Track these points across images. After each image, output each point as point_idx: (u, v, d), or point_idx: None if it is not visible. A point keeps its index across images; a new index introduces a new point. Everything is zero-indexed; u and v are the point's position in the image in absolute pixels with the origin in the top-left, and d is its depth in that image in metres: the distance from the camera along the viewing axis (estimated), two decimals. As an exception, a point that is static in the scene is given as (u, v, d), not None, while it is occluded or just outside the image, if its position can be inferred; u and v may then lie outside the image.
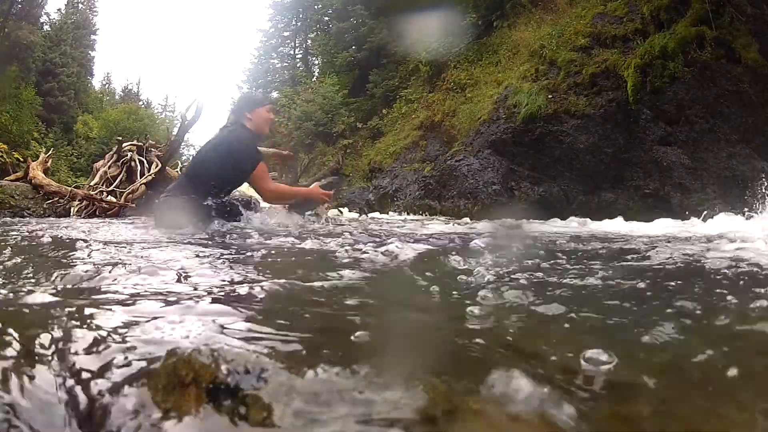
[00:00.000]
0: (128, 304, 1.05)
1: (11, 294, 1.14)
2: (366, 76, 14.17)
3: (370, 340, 0.84)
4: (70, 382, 0.64)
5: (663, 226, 3.94)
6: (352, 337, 0.82)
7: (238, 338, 0.82)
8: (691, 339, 0.85)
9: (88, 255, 1.89)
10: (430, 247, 2.02)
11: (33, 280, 1.35)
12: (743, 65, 5.40)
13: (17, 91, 20.82)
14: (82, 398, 0.62)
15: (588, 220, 5.18)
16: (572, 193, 6.73)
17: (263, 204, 3.70)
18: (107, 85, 39.86)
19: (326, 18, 20.50)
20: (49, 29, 26.52)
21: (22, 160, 15.35)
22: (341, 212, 8.65)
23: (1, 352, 0.67)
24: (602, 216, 5.49)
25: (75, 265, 1.62)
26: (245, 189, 3.92)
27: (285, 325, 0.90)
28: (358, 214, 8.38)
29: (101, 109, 30.73)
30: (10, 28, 21.18)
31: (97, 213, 6.28)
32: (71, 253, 1.98)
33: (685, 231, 3.40)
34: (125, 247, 2.09)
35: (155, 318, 0.94)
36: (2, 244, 2.33)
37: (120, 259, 1.73)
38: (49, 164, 8.17)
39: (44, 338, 0.77)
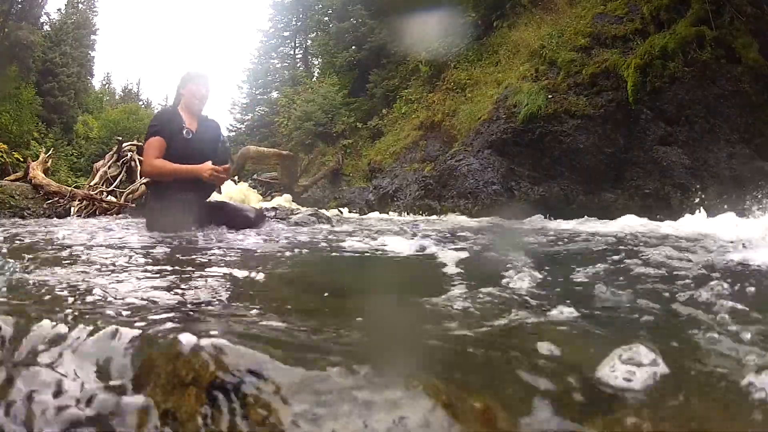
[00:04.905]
0: (128, 305, 1.05)
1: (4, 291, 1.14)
2: (366, 76, 14.17)
3: (370, 339, 0.84)
4: (70, 382, 0.64)
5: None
6: (352, 337, 0.82)
7: (238, 338, 0.82)
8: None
9: (94, 254, 1.89)
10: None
11: (33, 281, 1.35)
12: (743, 65, 5.39)
13: (17, 91, 20.81)
14: (82, 398, 0.62)
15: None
16: (572, 193, 6.72)
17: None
18: (107, 85, 39.88)
19: (326, 18, 20.50)
20: (49, 29, 26.49)
21: (22, 160, 15.35)
22: (341, 212, 8.65)
23: None
24: (603, 216, 5.49)
25: (82, 264, 1.62)
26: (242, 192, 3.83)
27: (285, 325, 0.90)
28: (358, 214, 8.39)
29: (101, 109, 30.73)
30: (10, 28, 21.16)
31: (97, 213, 6.28)
32: (79, 253, 1.98)
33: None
34: (129, 249, 2.09)
35: (155, 318, 0.94)
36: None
37: (121, 259, 1.73)
38: (49, 164, 8.16)
39: (44, 337, 0.77)
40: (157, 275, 1.42)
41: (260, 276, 1.46)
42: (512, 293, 1.17)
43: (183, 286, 1.26)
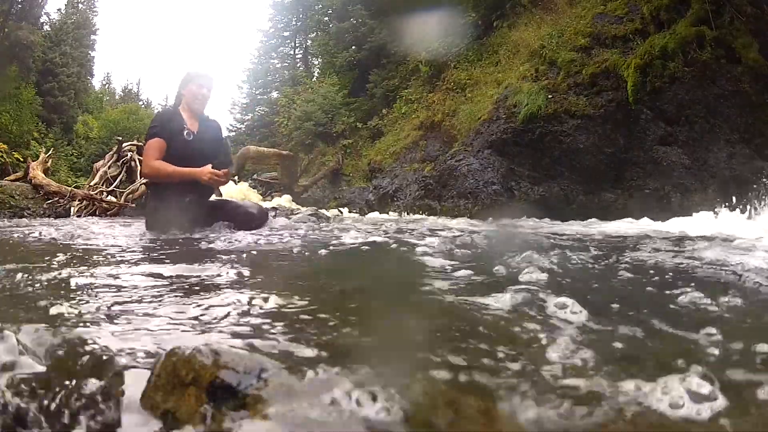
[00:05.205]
0: (127, 305, 1.05)
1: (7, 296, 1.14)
2: (366, 76, 14.16)
3: (370, 339, 0.84)
4: (71, 382, 0.64)
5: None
6: (352, 336, 0.82)
7: (238, 338, 0.82)
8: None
9: (92, 252, 1.89)
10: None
11: (36, 280, 1.35)
12: (743, 65, 5.39)
13: (17, 91, 20.80)
14: (82, 398, 0.62)
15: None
16: (572, 193, 6.72)
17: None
18: (107, 85, 39.89)
19: (326, 18, 20.49)
20: (49, 29, 26.49)
21: (22, 160, 15.35)
22: (341, 212, 8.65)
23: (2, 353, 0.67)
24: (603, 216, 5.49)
25: (81, 265, 1.62)
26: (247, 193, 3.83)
27: (284, 325, 0.90)
28: (358, 214, 8.39)
29: (101, 109, 30.72)
30: (10, 28, 21.16)
31: (97, 213, 6.28)
32: (88, 249, 1.98)
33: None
34: (127, 250, 2.09)
35: (155, 318, 0.94)
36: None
37: (119, 260, 1.73)
38: (49, 164, 8.16)
39: (45, 338, 0.77)
40: (155, 277, 1.42)
41: (259, 275, 1.46)
42: (515, 294, 1.17)
43: (181, 287, 1.26)
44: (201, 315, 0.98)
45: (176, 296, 1.14)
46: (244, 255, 2.00)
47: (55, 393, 0.62)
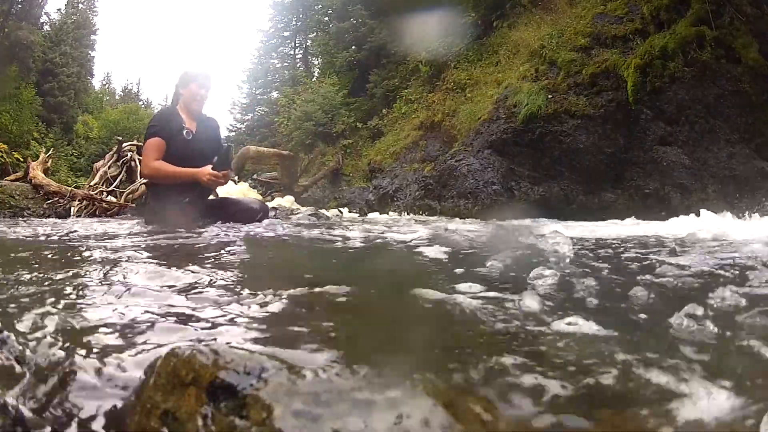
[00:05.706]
0: (125, 305, 1.05)
1: (7, 296, 1.14)
2: (366, 76, 14.16)
3: (370, 339, 0.84)
4: (70, 382, 0.64)
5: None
6: (353, 336, 0.82)
7: (238, 338, 0.82)
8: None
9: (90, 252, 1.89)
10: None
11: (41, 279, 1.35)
12: (743, 65, 5.39)
13: (17, 91, 20.82)
14: (82, 399, 0.62)
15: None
16: (572, 193, 6.72)
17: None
18: (107, 85, 39.93)
19: (326, 18, 20.49)
20: (49, 29, 26.52)
21: (22, 160, 15.37)
22: (341, 212, 8.65)
23: None
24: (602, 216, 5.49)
25: (79, 261, 1.62)
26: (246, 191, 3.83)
27: (284, 325, 0.90)
28: (358, 214, 8.39)
29: (101, 109, 30.75)
30: (10, 28, 21.17)
31: (97, 213, 6.28)
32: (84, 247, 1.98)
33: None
34: (127, 249, 2.09)
35: (154, 318, 0.94)
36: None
37: (117, 260, 1.73)
38: (49, 164, 8.15)
39: (46, 338, 0.77)
40: (153, 276, 1.42)
41: (259, 274, 1.46)
42: (517, 296, 1.17)
43: (179, 287, 1.26)
44: (201, 314, 0.98)
45: (175, 296, 1.14)
46: (243, 254, 2.00)
47: (55, 393, 0.62)
